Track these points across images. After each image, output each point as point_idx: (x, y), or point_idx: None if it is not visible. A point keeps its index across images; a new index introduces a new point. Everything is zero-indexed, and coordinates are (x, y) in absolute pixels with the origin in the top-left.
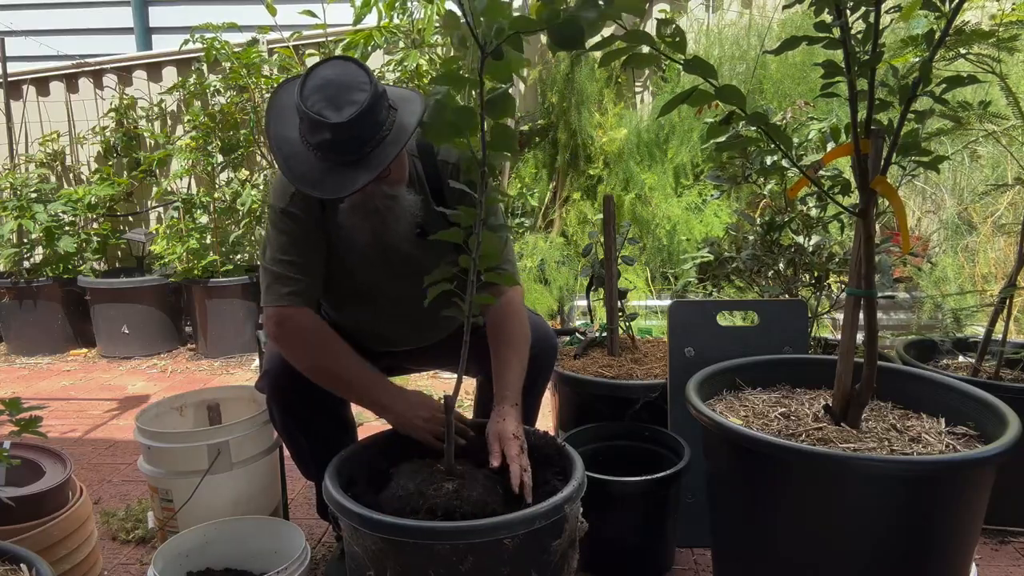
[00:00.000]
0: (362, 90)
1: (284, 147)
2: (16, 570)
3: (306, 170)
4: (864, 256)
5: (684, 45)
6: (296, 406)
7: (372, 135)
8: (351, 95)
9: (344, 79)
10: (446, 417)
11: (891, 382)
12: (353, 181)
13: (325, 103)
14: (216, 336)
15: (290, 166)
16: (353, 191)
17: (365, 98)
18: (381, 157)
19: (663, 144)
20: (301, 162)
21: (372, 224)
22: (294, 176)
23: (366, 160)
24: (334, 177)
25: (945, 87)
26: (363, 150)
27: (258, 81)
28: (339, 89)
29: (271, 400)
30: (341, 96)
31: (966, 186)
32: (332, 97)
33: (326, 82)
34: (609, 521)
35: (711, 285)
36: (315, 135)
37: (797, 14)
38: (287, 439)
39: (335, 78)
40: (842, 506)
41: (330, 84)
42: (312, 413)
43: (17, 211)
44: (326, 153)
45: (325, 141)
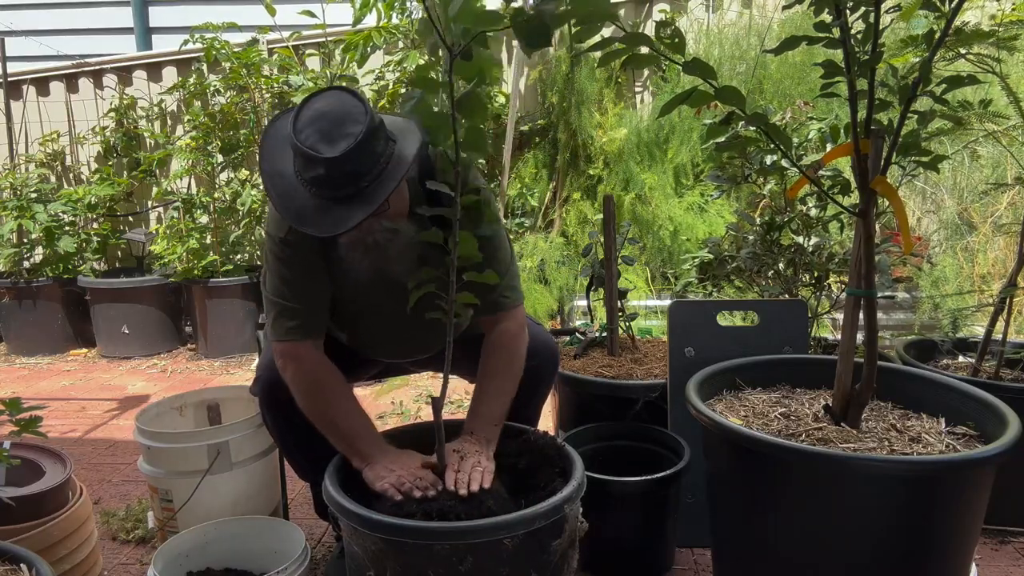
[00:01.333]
0: (357, 122)
1: (278, 182)
2: (16, 570)
3: (300, 206)
4: (864, 256)
5: (683, 46)
6: (289, 411)
7: (369, 169)
8: (346, 128)
9: (339, 111)
10: (434, 418)
11: (891, 382)
12: (348, 218)
13: (319, 136)
14: (216, 336)
15: (284, 203)
16: (349, 228)
17: (360, 130)
18: (378, 192)
19: (663, 144)
20: (295, 198)
21: (372, 259)
22: (288, 213)
23: (362, 195)
24: (329, 214)
25: (945, 87)
26: (359, 184)
27: (258, 81)
28: (333, 122)
29: (263, 405)
30: (335, 129)
31: (966, 186)
32: (326, 130)
33: (320, 114)
34: (609, 521)
35: (711, 285)
36: (309, 170)
37: (797, 14)
38: (280, 443)
39: (329, 110)
40: (842, 506)
41: (324, 116)
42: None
43: (17, 211)
44: (320, 189)
45: (319, 176)
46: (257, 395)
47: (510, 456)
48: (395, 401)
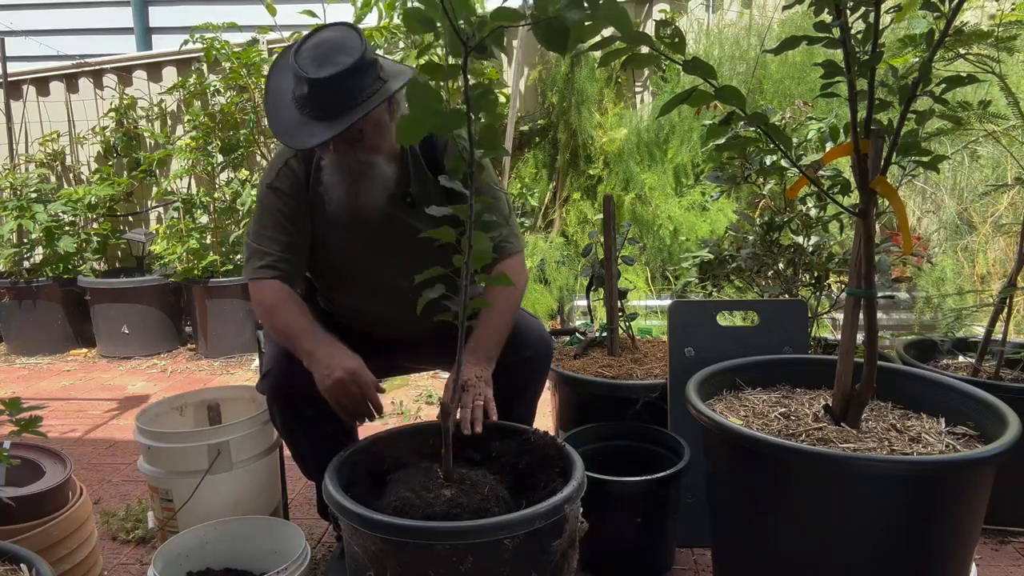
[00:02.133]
0: (349, 54)
1: (275, 97)
2: (16, 570)
3: (286, 119)
4: (864, 256)
5: (683, 46)
6: (297, 406)
7: (351, 97)
8: (338, 56)
9: (337, 41)
10: (442, 423)
11: (891, 382)
12: (319, 135)
13: (312, 60)
14: (216, 336)
15: (276, 114)
16: (313, 144)
17: (350, 61)
18: (348, 117)
19: (663, 144)
20: (284, 112)
21: (346, 187)
22: (273, 122)
23: (337, 119)
24: (305, 129)
25: (945, 87)
26: (335, 110)
27: (258, 81)
28: (330, 49)
29: (272, 401)
30: (329, 56)
31: (966, 186)
32: (321, 56)
33: (321, 42)
34: (609, 521)
35: (711, 285)
36: (298, 88)
37: (797, 14)
38: (288, 439)
39: (330, 39)
40: (842, 506)
41: (324, 43)
42: (313, 413)
43: (17, 211)
44: (303, 107)
45: (304, 95)
46: (265, 391)
47: (510, 456)
48: (395, 401)
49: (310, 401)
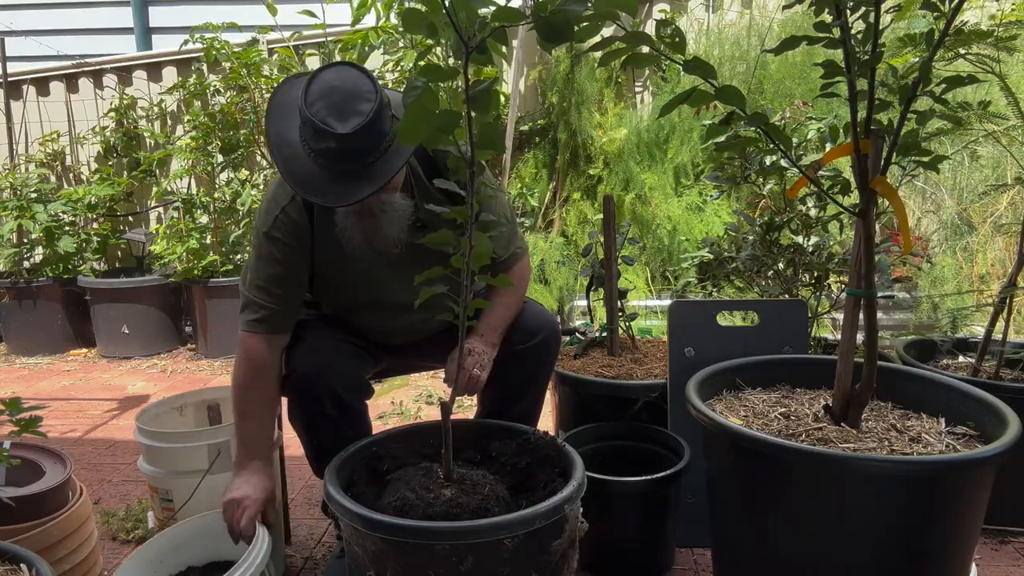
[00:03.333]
0: (368, 100)
1: (284, 149)
2: (16, 570)
3: (307, 176)
4: (864, 256)
5: (684, 46)
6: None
7: (376, 146)
8: (357, 105)
9: (349, 87)
10: (443, 423)
11: (891, 382)
12: (356, 192)
13: (329, 111)
14: (216, 336)
15: (291, 170)
16: (355, 201)
17: (370, 109)
18: (385, 169)
19: (663, 144)
20: (302, 167)
21: (363, 228)
22: (295, 181)
23: (369, 171)
24: (336, 186)
25: (945, 87)
26: (366, 161)
27: (258, 81)
28: (345, 97)
29: (295, 400)
30: (347, 105)
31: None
32: (337, 105)
33: (331, 88)
34: (609, 521)
35: (711, 285)
36: (318, 142)
37: (797, 14)
38: (307, 436)
39: (340, 85)
40: (842, 506)
41: (335, 91)
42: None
43: (17, 211)
44: (329, 161)
45: (329, 150)
46: (289, 391)
47: (510, 456)
48: (395, 401)
49: (334, 401)
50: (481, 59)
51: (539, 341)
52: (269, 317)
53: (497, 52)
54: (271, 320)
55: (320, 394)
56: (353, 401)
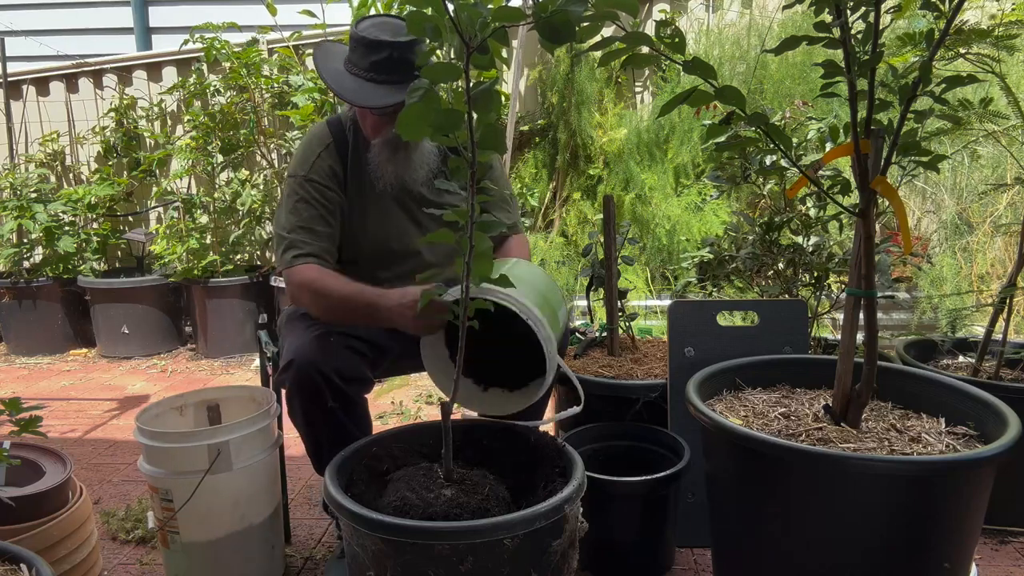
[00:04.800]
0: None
1: (332, 76)
2: (16, 570)
3: (356, 88)
4: (864, 256)
5: (683, 46)
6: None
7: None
8: (403, 31)
9: (395, 23)
10: (443, 423)
11: (891, 382)
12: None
13: (382, 31)
14: (216, 336)
15: (340, 86)
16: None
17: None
18: None
19: (663, 144)
20: (351, 83)
21: (396, 161)
22: (343, 91)
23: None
24: (378, 92)
25: (945, 87)
26: (411, 74)
27: (258, 81)
28: (393, 27)
29: (294, 392)
30: (396, 30)
31: (966, 186)
32: (389, 28)
33: (380, 22)
34: (609, 521)
35: (711, 285)
36: (371, 56)
37: (797, 14)
38: (306, 430)
39: (387, 21)
40: (842, 506)
41: (384, 24)
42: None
43: (17, 211)
44: (377, 73)
45: (380, 60)
46: (287, 382)
47: (510, 456)
48: (395, 401)
49: (335, 393)
50: (483, 60)
51: None
52: (314, 251)
53: (497, 54)
54: (316, 254)
55: (319, 383)
56: (353, 393)
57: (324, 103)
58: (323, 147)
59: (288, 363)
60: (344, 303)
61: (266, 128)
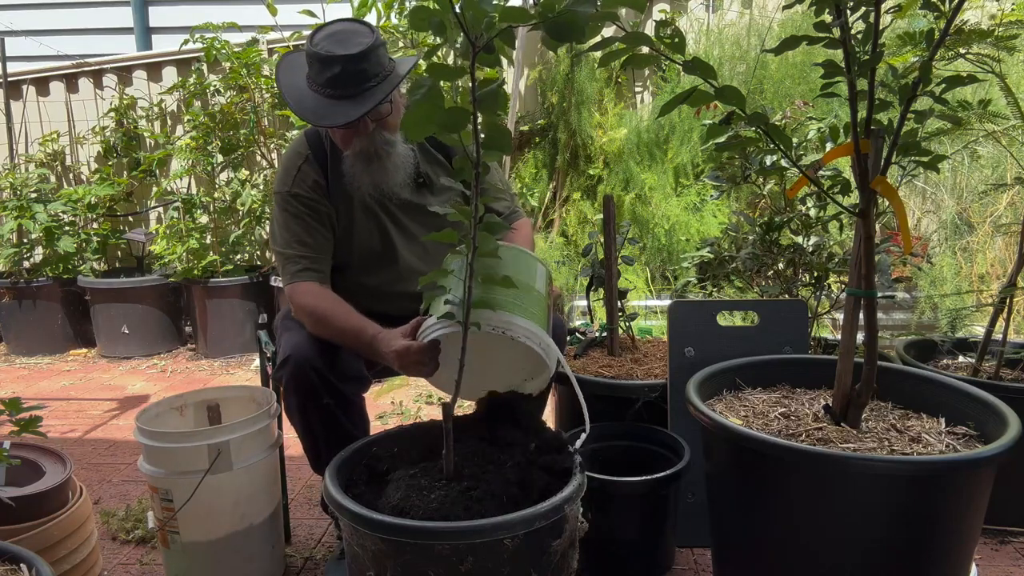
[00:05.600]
0: (365, 37)
1: (293, 92)
2: (16, 570)
3: (313, 107)
4: (864, 256)
5: (683, 46)
6: (317, 395)
7: (375, 73)
8: (357, 39)
9: (349, 29)
10: (444, 424)
11: (891, 382)
12: (355, 111)
13: (334, 44)
14: (216, 336)
15: (300, 105)
16: (356, 118)
17: (369, 42)
18: (378, 93)
19: (663, 144)
20: (310, 101)
21: (371, 172)
22: (304, 111)
23: (364, 96)
24: (336, 110)
25: (945, 87)
26: (364, 85)
27: (258, 81)
28: (346, 35)
29: (291, 388)
30: (348, 39)
31: (966, 186)
32: (341, 40)
33: (333, 31)
34: (609, 521)
35: (711, 285)
36: (324, 72)
37: (797, 14)
38: (303, 429)
39: (341, 29)
40: (842, 506)
41: (338, 32)
42: (332, 402)
43: (17, 211)
44: (332, 89)
45: (334, 76)
46: (284, 378)
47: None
48: (395, 401)
49: (331, 391)
50: (488, 59)
51: None
52: (313, 266)
53: (504, 53)
54: (315, 268)
55: (315, 381)
56: (349, 391)
57: None
58: (302, 160)
59: (285, 360)
60: (342, 336)
61: (266, 128)
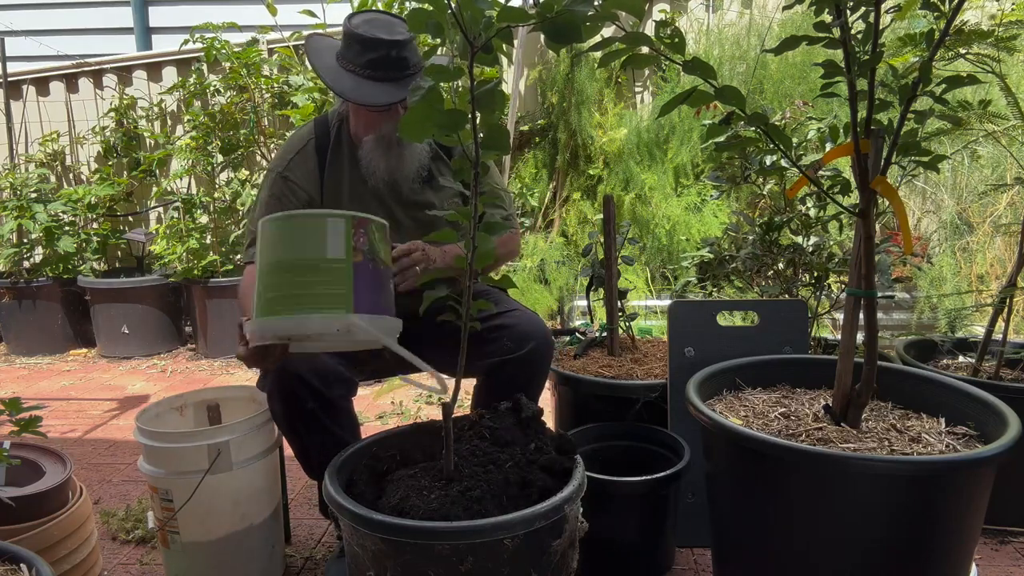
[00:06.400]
0: (403, 28)
1: (329, 73)
2: (16, 570)
3: (354, 86)
4: (864, 256)
5: (683, 46)
6: (301, 401)
7: (414, 63)
8: (397, 28)
9: (385, 19)
10: (444, 423)
11: (891, 382)
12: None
13: (377, 29)
14: (216, 336)
15: (337, 83)
16: (394, 101)
17: (408, 33)
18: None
19: (663, 144)
20: (347, 81)
21: (388, 158)
22: (343, 89)
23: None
24: (376, 89)
25: (945, 87)
26: (405, 72)
27: (258, 81)
28: (385, 23)
29: (275, 396)
30: (390, 27)
31: (966, 186)
32: (383, 24)
33: (372, 18)
34: (609, 521)
35: (711, 285)
36: (366, 54)
37: (797, 14)
38: (290, 436)
39: (377, 17)
40: (842, 506)
41: (377, 19)
42: (317, 408)
43: (17, 211)
44: (373, 71)
45: (378, 58)
46: (268, 387)
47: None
48: (395, 401)
49: (314, 395)
50: (486, 59)
51: (529, 350)
52: None
53: (502, 52)
54: None
55: (294, 386)
56: (333, 395)
57: (324, 103)
58: (303, 144)
59: (264, 371)
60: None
61: (266, 128)
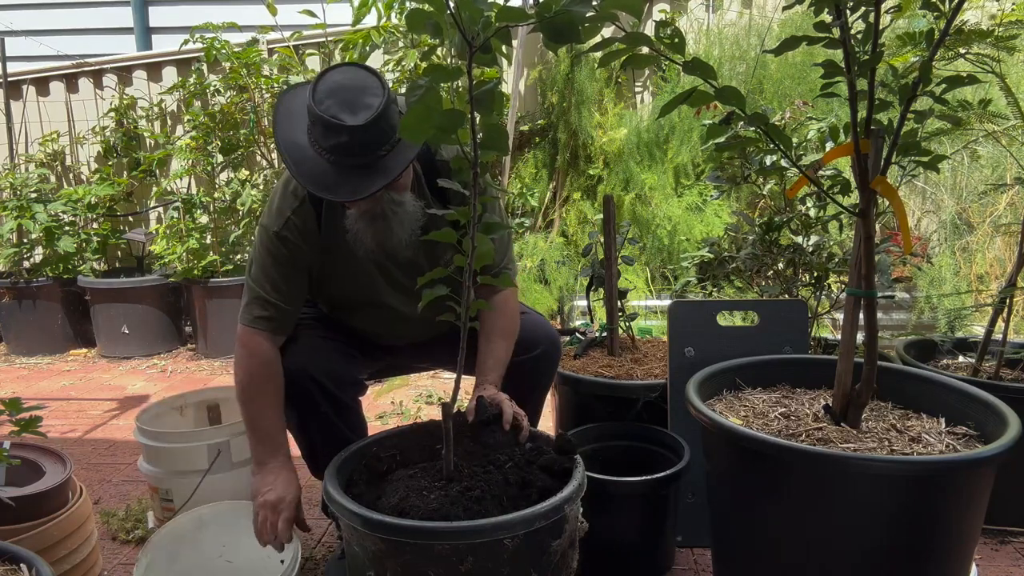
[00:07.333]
0: (375, 95)
1: (294, 152)
2: (16, 570)
3: (319, 174)
4: (864, 256)
5: (683, 46)
6: (315, 402)
7: (387, 139)
8: (365, 99)
9: (356, 84)
10: (443, 423)
11: (891, 382)
12: (369, 186)
13: (340, 107)
14: (216, 336)
15: (301, 169)
16: (367, 195)
17: (379, 103)
18: (395, 164)
19: (663, 144)
20: (313, 166)
21: (375, 230)
22: (306, 179)
23: (379, 165)
24: (348, 180)
25: (945, 87)
26: (377, 154)
27: (258, 81)
28: (353, 93)
29: (289, 400)
30: (356, 100)
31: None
32: (347, 101)
33: (339, 86)
34: (609, 521)
35: (711, 285)
36: (329, 139)
37: (797, 14)
38: (300, 435)
39: (347, 83)
40: (842, 506)
41: (343, 88)
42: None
43: (17, 211)
44: (340, 157)
45: (341, 144)
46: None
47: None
48: (395, 401)
49: (328, 398)
50: (485, 59)
51: (539, 354)
52: (276, 316)
53: (500, 52)
54: (277, 319)
55: (309, 389)
56: (344, 396)
57: None
58: (297, 202)
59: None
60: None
61: (266, 128)
